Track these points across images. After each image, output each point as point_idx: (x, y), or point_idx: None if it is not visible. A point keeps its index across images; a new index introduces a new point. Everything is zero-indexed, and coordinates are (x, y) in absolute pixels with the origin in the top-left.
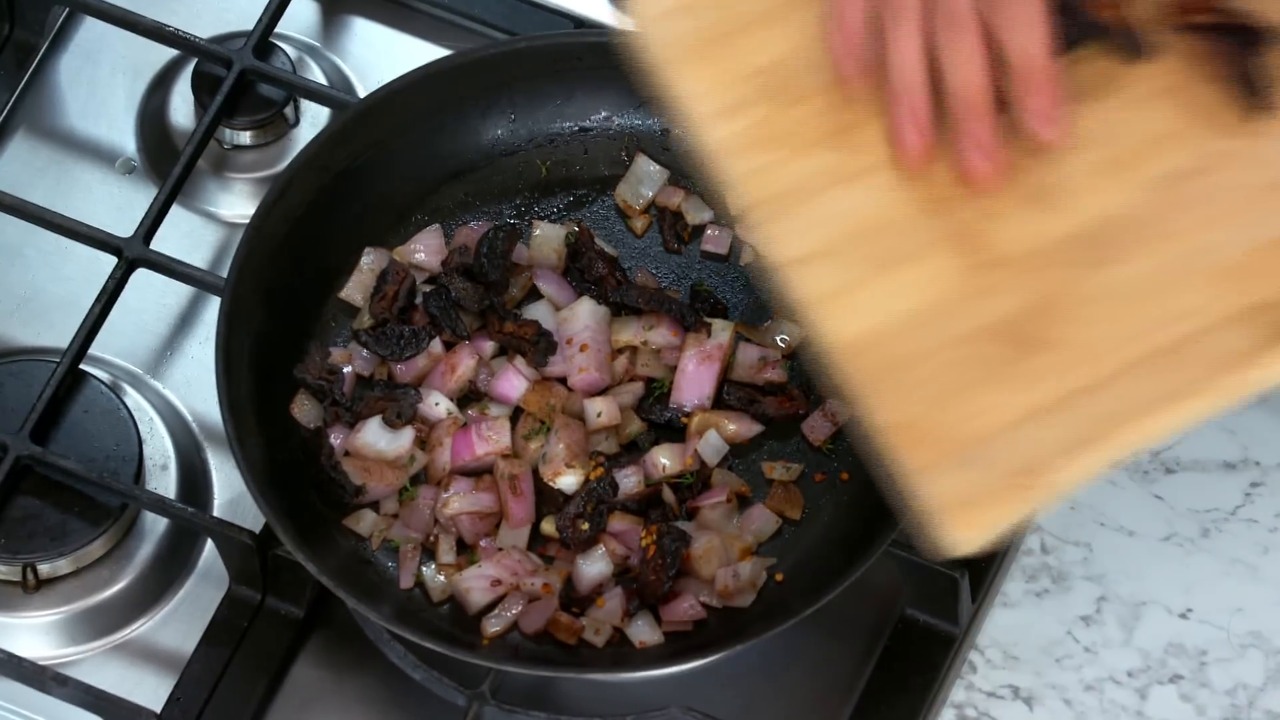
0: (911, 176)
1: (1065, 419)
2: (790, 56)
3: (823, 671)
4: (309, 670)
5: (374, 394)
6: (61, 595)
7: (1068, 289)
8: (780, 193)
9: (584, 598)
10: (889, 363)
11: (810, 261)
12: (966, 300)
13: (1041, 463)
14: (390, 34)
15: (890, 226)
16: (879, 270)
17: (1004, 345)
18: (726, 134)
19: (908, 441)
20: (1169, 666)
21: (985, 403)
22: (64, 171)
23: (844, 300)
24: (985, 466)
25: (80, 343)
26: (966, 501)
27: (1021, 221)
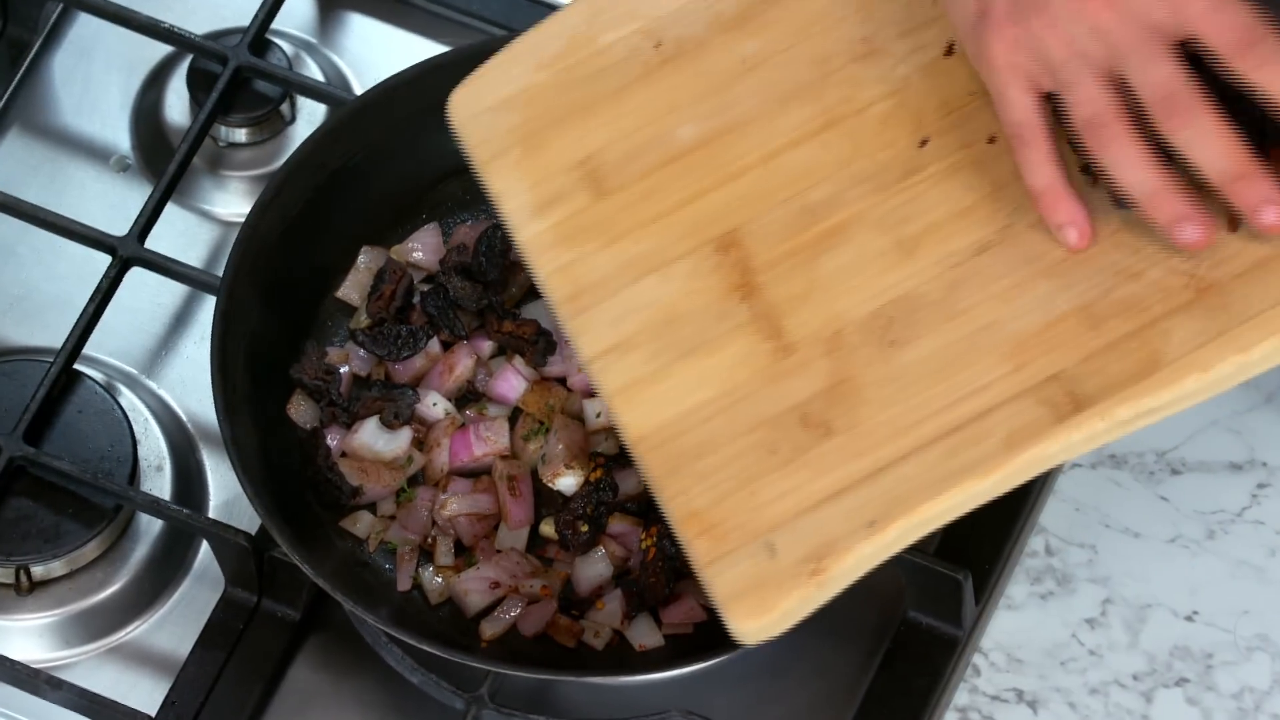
0: (721, 259)
1: (853, 502)
2: (610, 145)
3: (824, 675)
4: (305, 673)
5: (371, 394)
6: (55, 597)
7: (863, 371)
8: (588, 287)
9: (583, 600)
10: (682, 454)
11: (613, 354)
12: (763, 386)
13: (828, 548)
14: (387, 30)
15: (694, 313)
16: (679, 359)
17: (796, 431)
18: (539, 229)
19: (695, 532)
20: (1175, 670)
21: (774, 491)
22: (58, 169)
23: (642, 392)
24: (773, 555)
25: (74, 342)
26: (754, 591)
27: (824, 303)
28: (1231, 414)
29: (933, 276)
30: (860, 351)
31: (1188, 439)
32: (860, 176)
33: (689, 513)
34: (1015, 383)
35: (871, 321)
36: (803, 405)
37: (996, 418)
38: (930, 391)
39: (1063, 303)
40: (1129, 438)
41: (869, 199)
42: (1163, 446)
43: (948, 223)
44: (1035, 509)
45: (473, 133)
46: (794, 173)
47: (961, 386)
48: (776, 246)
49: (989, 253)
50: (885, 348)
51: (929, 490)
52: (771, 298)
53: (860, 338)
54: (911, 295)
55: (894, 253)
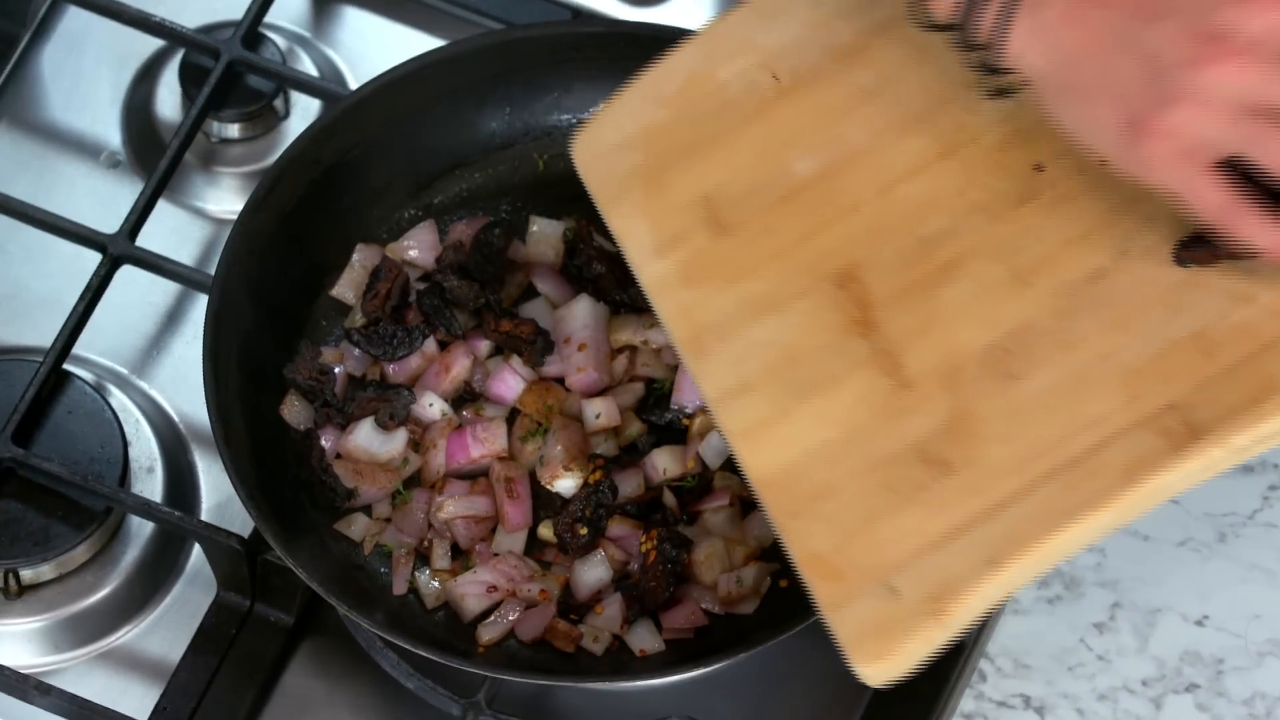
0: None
1: (973, 541)
2: (729, 182)
3: (828, 680)
4: (299, 679)
5: (366, 395)
6: (44, 601)
7: (981, 406)
8: (709, 327)
9: (583, 604)
10: (804, 496)
11: (734, 396)
12: (883, 424)
13: (950, 588)
14: (383, 24)
15: (815, 351)
16: (800, 399)
17: (916, 469)
18: (660, 270)
19: (819, 574)
20: (1185, 675)
21: (895, 531)
22: (47, 166)
23: (764, 434)
24: (894, 597)
25: (64, 342)
26: (878, 633)
27: (942, 337)
28: None
29: (1048, 306)
30: (978, 385)
31: None
32: (975, 206)
33: (812, 555)
34: (1131, 413)
35: (989, 355)
36: (922, 442)
37: (1114, 450)
38: (1047, 425)
39: (1176, 330)
40: None
41: (985, 229)
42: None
43: (1062, 251)
44: None
45: (595, 174)
46: (910, 205)
47: (1078, 419)
48: (894, 281)
49: (1104, 280)
50: (1003, 381)
51: (1048, 526)
52: (890, 333)
53: (978, 371)
54: (1028, 326)
55: (1010, 283)
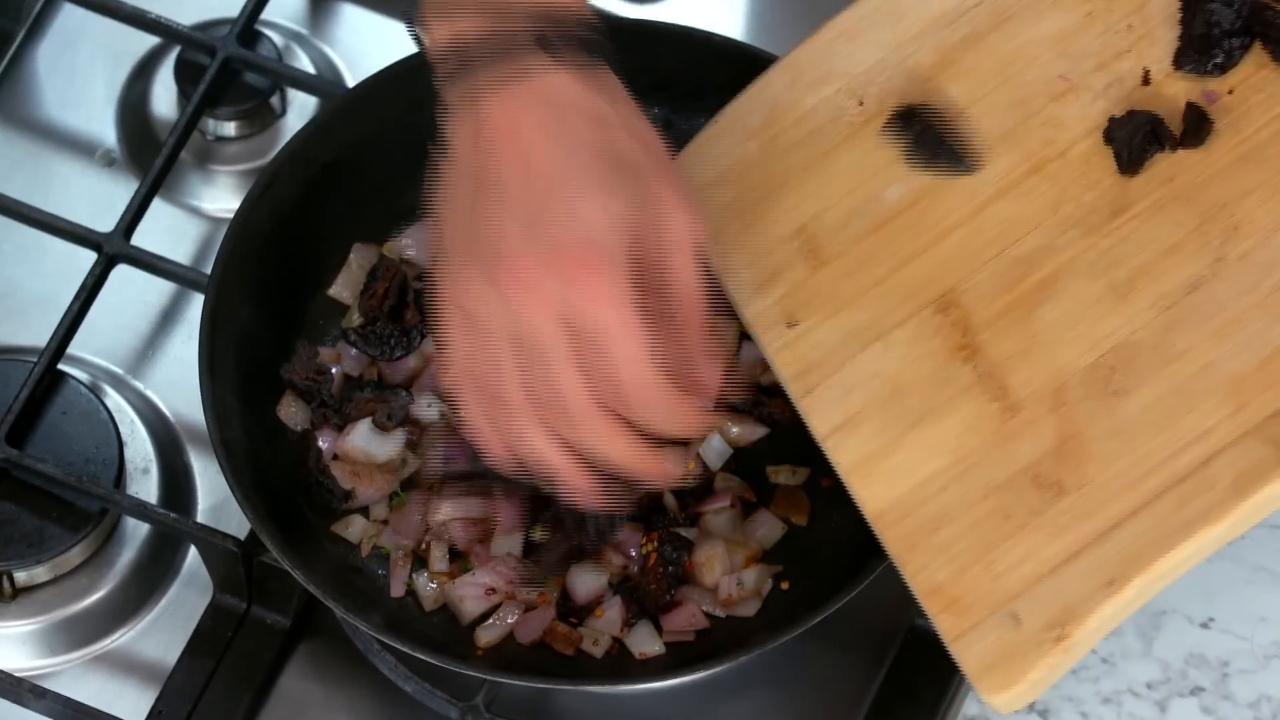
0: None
1: (1090, 563)
2: (823, 213)
3: (829, 684)
4: (296, 682)
5: (364, 395)
6: (39, 604)
7: (1088, 425)
8: (814, 363)
9: (582, 607)
10: (919, 528)
11: (844, 430)
12: (993, 449)
13: (1070, 613)
14: (381, 20)
15: (920, 380)
16: (908, 430)
17: (1028, 493)
18: (762, 307)
19: (940, 607)
20: (1190, 678)
21: (1012, 557)
22: (41, 164)
23: (877, 467)
24: (1016, 625)
25: (58, 342)
26: (1002, 663)
27: (1045, 357)
28: None
29: (1149, 320)
30: (1084, 405)
31: None
32: (1068, 221)
33: (932, 588)
34: (1238, 424)
35: (1093, 373)
36: (1033, 466)
37: (1222, 462)
38: (1155, 441)
39: (1278, 335)
40: None
41: (1078, 244)
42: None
43: (1158, 262)
44: None
45: None
46: (1003, 224)
47: (1185, 433)
48: (993, 303)
49: (1201, 289)
50: (1108, 399)
51: (1163, 544)
52: (993, 356)
53: (1083, 391)
54: (1129, 342)
55: (1109, 298)
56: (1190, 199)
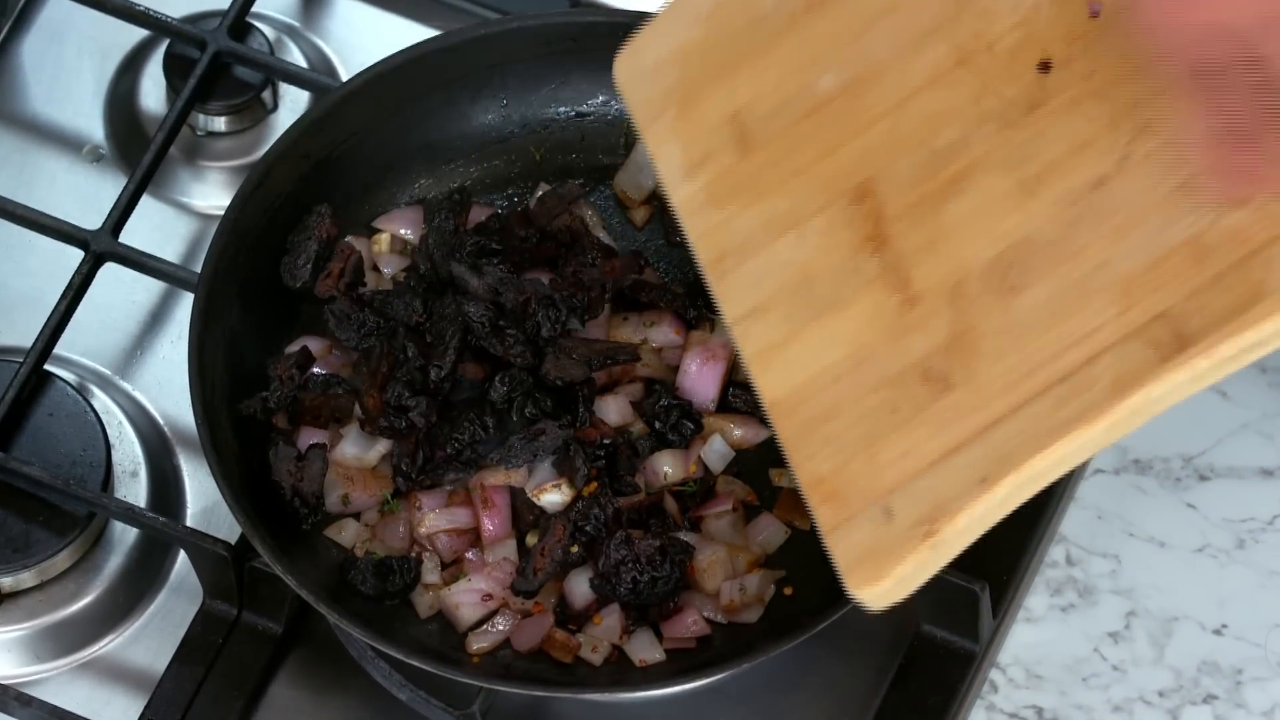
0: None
1: (965, 461)
2: (756, 100)
3: (834, 691)
4: (287, 690)
5: (337, 391)
6: (25, 610)
7: (981, 321)
8: (732, 249)
9: (580, 613)
10: (811, 419)
11: (752, 317)
12: (889, 342)
13: (941, 509)
14: (374, 13)
15: (829, 270)
16: (812, 319)
17: (917, 388)
18: (690, 191)
19: (820, 498)
20: (1202, 686)
21: (893, 452)
22: (27, 160)
23: (777, 355)
24: (889, 519)
25: (45, 342)
26: (870, 557)
27: (949, 251)
28: (1262, 417)
29: (1052, 216)
30: (980, 301)
31: (1216, 443)
32: (987, 115)
33: (815, 478)
34: (1122, 325)
35: (992, 268)
36: (924, 360)
37: (1103, 363)
38: (1042, 339)
39: (1171, 236)
40: (1152, 441)
41: (994, 138)
42: (1190, 451)
43: (1067, 158)
44: (1055, 517)
45: (634, 95)
46: (925, 116)
47: (1072, 332)
48: (907, 195)
49: (1105, 187)
50: (1004, 295)
51: (1037, 443)
52: (900, 248)
53: (981, 286)
54: (1030, 238)
55: (1016, 194)
56: (1105, 96)
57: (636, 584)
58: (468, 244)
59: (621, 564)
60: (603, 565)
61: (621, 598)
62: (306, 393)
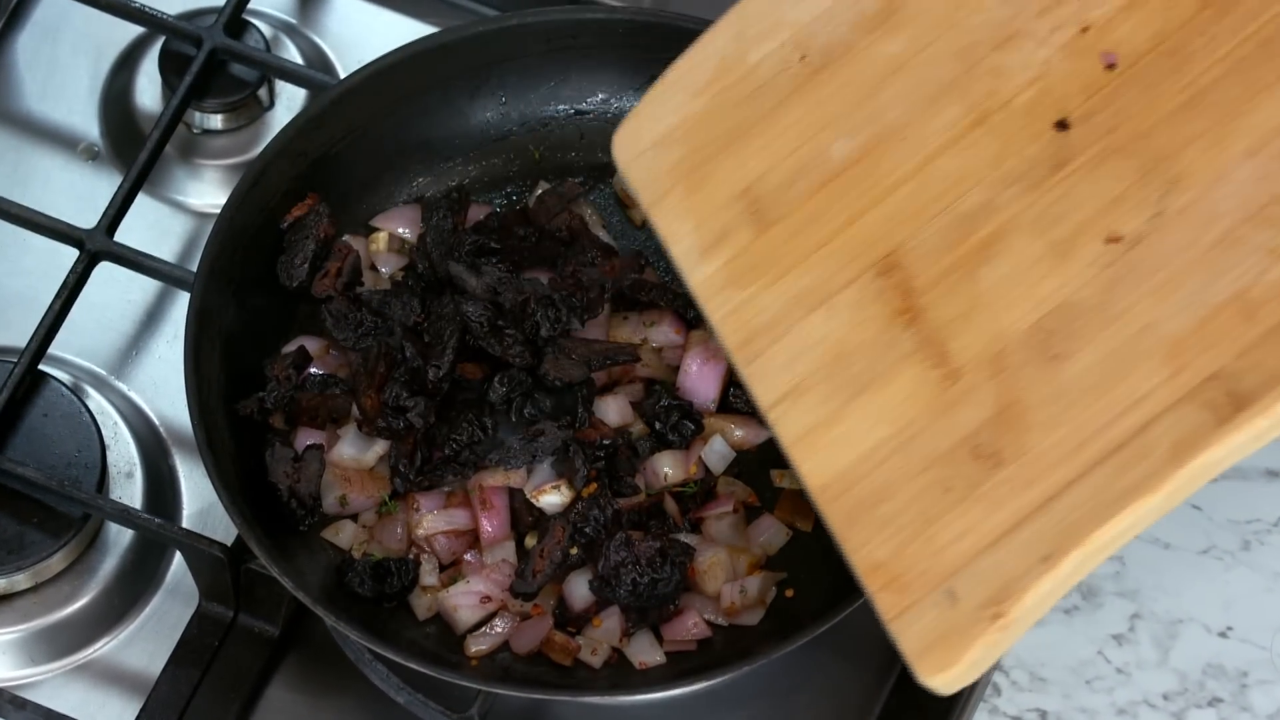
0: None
1: (1027, 538)
2: (768, 172)
3: (835, 695)
4: (284, 693)
5: (334, 392)
6: (19, 612)
7: (1027, 392)
8: (759, 330)
9: (579, 616)
10: (861, 502)
11: (788, 400)
12: (934, 418)
13: (1007, 590)
14: (372, 10)
15: (863, 346)
16: (852, 398)
17: (968, 465)
18: (708, 273)
19: (880, 585)
20: (1207, 689)
21: (951, 533)
22: (22, 158)
23: (820, 438)
24: (954, 603)
25: (39, 341)
26: (939, 643)
27: (986, 321)
28: None
29: (1089, 279)
30: (1024, 371)
31: None
32: (1011, 176)
33: (873, 565)
34: (1175, 388)
35: (1032, 336)
36: (973, 436)
37: (1159, 429)
38: (1093, 407)
39: (1216, 293)
40: None
41: (1021, 200)
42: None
43: (1098, 218)
44: None
45: (637, 175)
46: (947, 180)
47: (1123, 399)
48: (936, 264)
49: (1141, 246)
50: (1047, 363)
51: (1100, 515)
52: (935, 320)
53: (1023, 356)
54: (1070, 303)
55: (1049, 258)
56: (1131, 150)
57: (636, 586)
58: (466, 243)
59: (621, 566)
60: (602, 567)
61: (621, 600)
62: (303, 393)
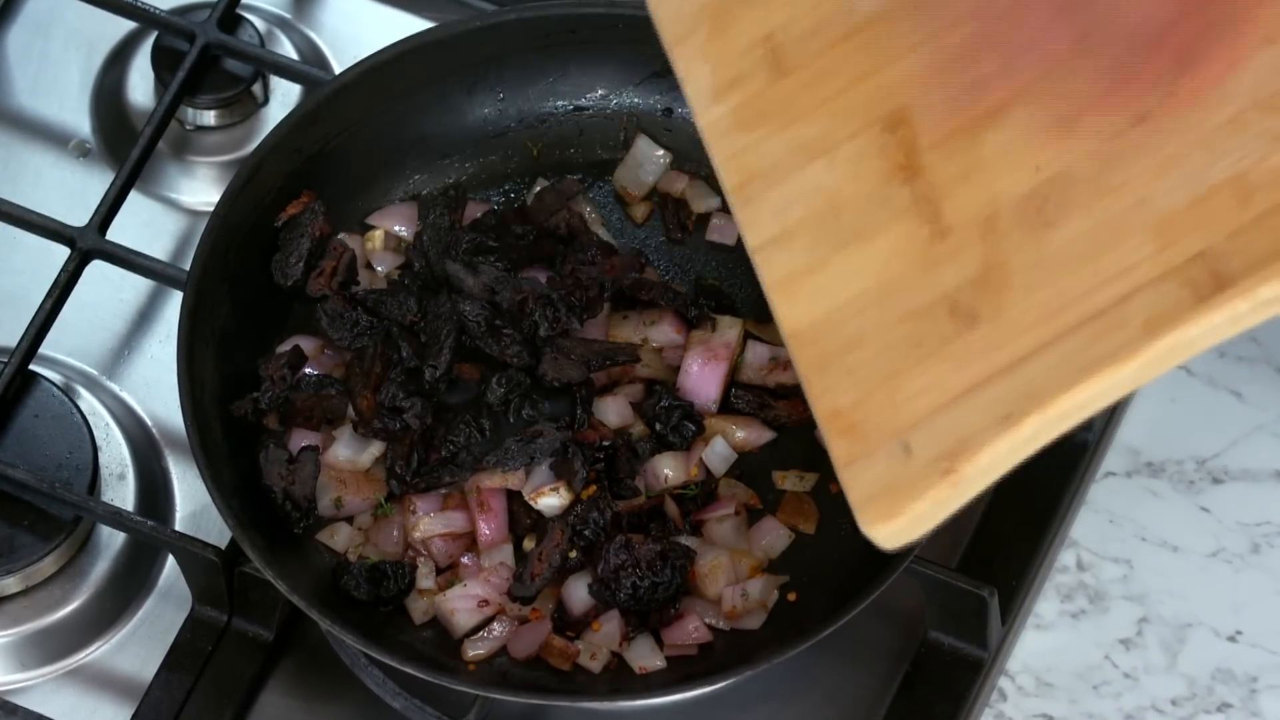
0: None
1: (990, 397)
2: (792, 21)
3: (839, 699)
4: (278, 698)
5: (330, 392)
6: (10, 616)
7: (1014, 256)
8: (758, 173)
9: (578, 620)
10: (833, 348)
11: (776, 244)
12: (917, 275)
13: (963, 447)
14: (367, 5)
15: (857, 198)
16: (839, 248)
17: (943, 322)
18: (718, 114)
19: (837, 431)
20: (1216, 694)
21: (916, 387)
22: (12, 155)
23: (801, 284)
24: (907, 455)
25: (30, 341)
26: (889, 492)
27: (983, 183)
28: (1277, 419)
29: (1090, 151)
30: (1013, 235)
31: (1230, 446)
32: (1028, 46)
33: (833, 410)
34: (1160, 263)
35: (1027, 202)
36: (953, 294)
37: (1138, 302)
38: (1076, 275)
39: (1216, 173)
40: (1164, 443)
41: (1035, 70)
42: (1203, 454)
43: (1109, 94)
44: (1066, 521)
45: (664, 11)
46: (966, 45)
47: (1106, 269)
48: (942, 125)
49: (1147, 123)
50: (1038, 229)
51: (1066, 381)
52: (933, 179)
53: (1015, 219)
54: (1068, 172)
55: (1055, 128)
56: None
57: (636, 589)
58: (463, 241)
59: (621, 569)
60: (602, 570)
61: (621, 603)
62: (298, 393)
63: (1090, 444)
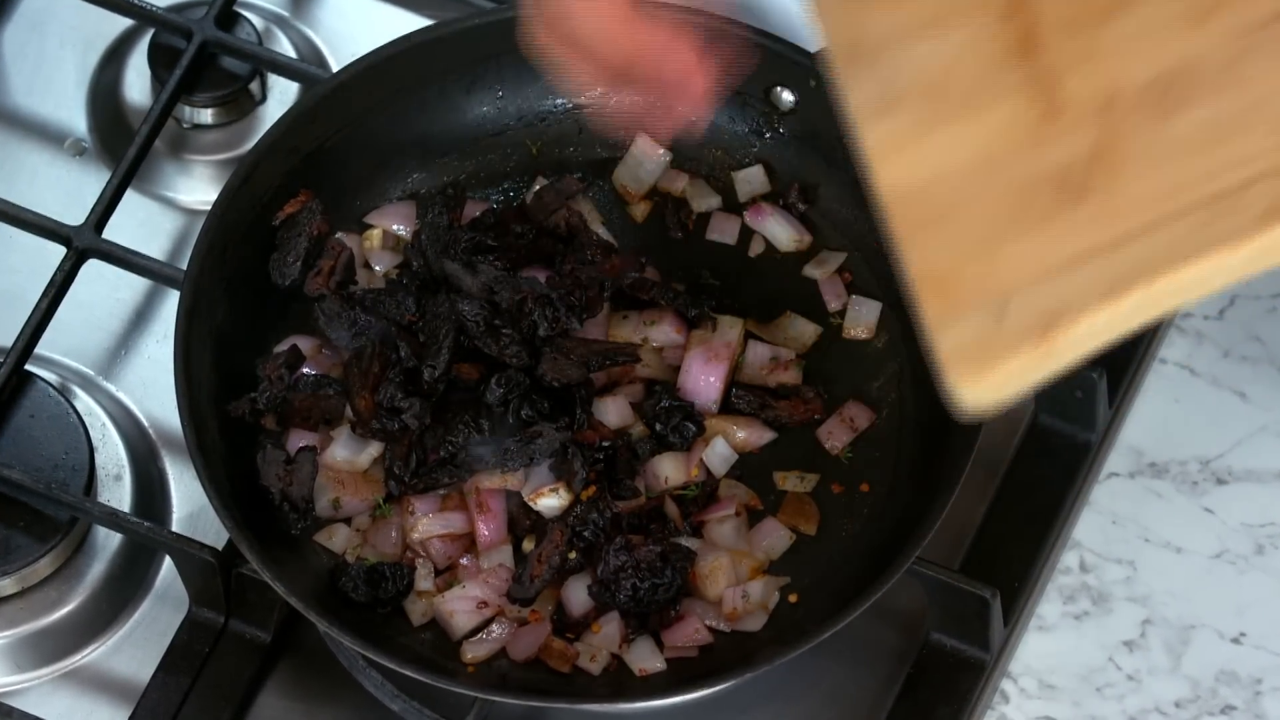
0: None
1: (1095, 269)
2: None
3: (839, 702)
4: (276, 700)
5: (328, 392)
6: (5, 618)
7: (1130, 138)
8: (867, 41)
9: (578, 621)
10: (932, 212)
11: (878, 109)
12: (1026, 151)
13: (1060, 314)
14: (365, 2)
15: (969, 73)
16: (943, 122)
17: (1051, 194)
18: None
19: (930, 292)
20: (1220, 696)
21: (1017, 253)
22: (8, 153)
23: (902, 150)
24: (1002, 318)
25: (25, 341)
26: (979, 353)
27: (1104, 67)
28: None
29: (1219, 45)
30: (1131, 118)
31: (1234, 446)
32: None
33: (927, 272)
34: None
35: (1149, 88)
36: (1062, 171)
37: (1256, 191)
38: (1193, 162)
39: None
40: (1168, 444)
41: None
42: (1207, 454)
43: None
44: (1069, 522)
45: None
46: None
47: (1226, 159)
48: (1066, 9)
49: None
50: (1157, 116)
51: (1175, 259)
52: (1050, 61)
53: (1134, 103)
54: (1194, 64)
55: (1183, 22)
56: None
57: (636, 591)
58: (462, 240)
59: (621, 570)
60: (601, 572)
61: (621, 605)
62: (296, 393)
63: (1093, 444)
